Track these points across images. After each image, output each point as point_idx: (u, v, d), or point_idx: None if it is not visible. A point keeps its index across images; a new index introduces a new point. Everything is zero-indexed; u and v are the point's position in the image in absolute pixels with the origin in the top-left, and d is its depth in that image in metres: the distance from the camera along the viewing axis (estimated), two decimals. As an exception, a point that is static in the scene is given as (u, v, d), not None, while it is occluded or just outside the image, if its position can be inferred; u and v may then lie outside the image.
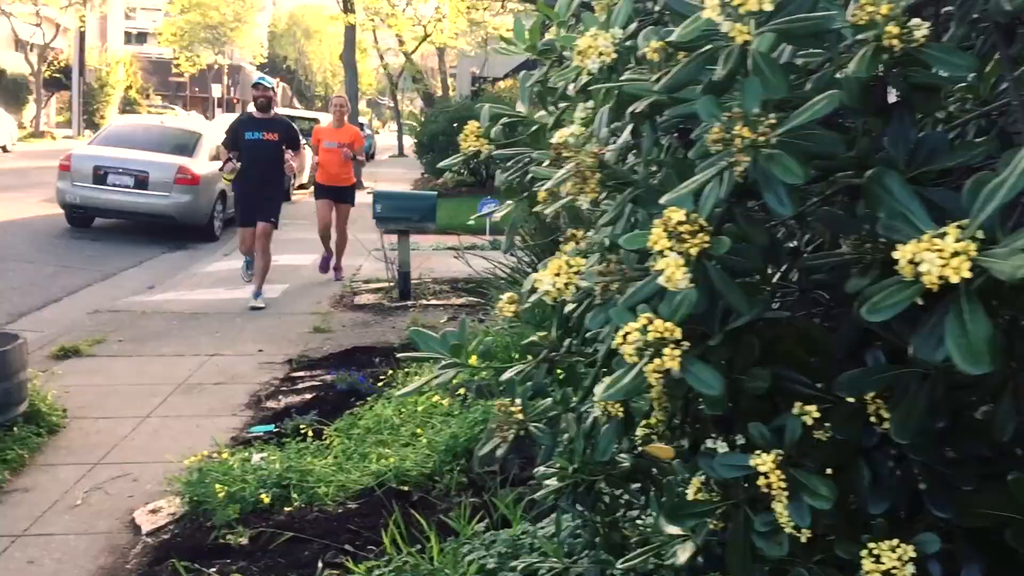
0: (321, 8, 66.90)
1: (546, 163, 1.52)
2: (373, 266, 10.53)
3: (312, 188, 10.63)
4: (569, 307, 1.44)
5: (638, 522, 1.87)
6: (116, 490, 4.30)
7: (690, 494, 1.57)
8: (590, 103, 1.60)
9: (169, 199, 12.36)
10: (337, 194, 9.73)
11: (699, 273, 1.14)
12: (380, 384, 5.22)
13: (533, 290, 1.68)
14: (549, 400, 1.55)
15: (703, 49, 1.21)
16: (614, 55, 1.46)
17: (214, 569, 3.34)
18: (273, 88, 9.19)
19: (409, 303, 8.53)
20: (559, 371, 1.59)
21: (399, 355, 2.04)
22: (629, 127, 1.32)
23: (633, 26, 1.52)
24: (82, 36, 37.72)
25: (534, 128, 1.72)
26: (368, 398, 5.08)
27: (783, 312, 1.45)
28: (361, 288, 9.40)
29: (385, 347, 6.82)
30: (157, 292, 9.25)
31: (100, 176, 12.39)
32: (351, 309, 8.49)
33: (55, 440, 4.90)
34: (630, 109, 1.30)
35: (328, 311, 8.30)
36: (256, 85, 9.08)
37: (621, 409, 1.45)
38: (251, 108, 8.99)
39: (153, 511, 3.98)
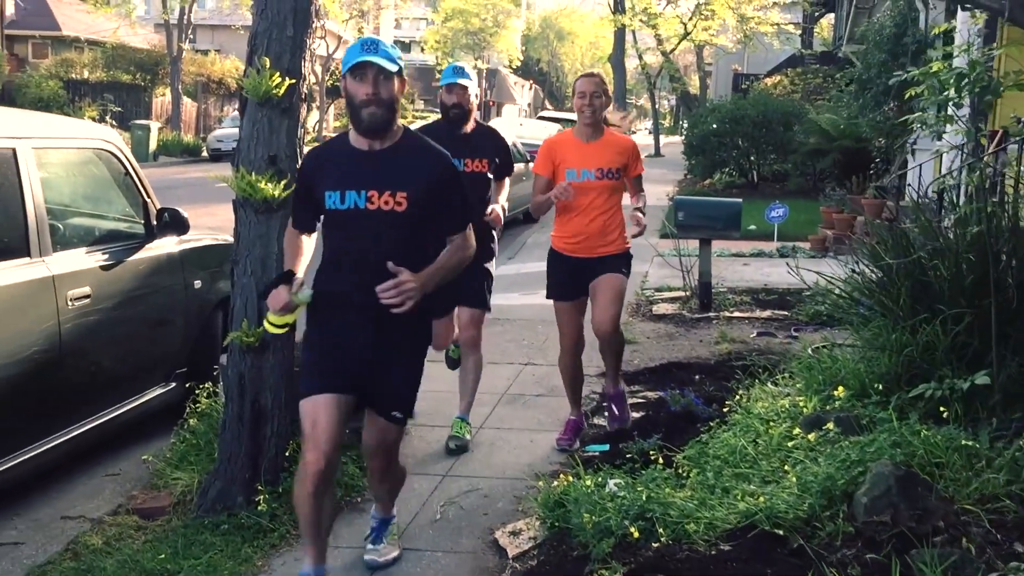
0: (574, 10, 67.94)
1: None
2: (659, 272, 10.27)
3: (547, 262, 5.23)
4: None
5: None
6: (469, 505, 4.30)
7: None
8: None
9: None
10: (600, 268, 4.86)
11: None
12: (725, 409, 4.91)
13: None
14: None
15: None
16: None
17: (597, 608, 3.19)
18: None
19: (711, 314, 8.18)
20: None
21: None
22: None
23: None
24: (359, 47, 40.41)
25: None
26: (709, 422, 4.80)
27: None
28: (656, 297, 9.16)
29: (701, 363, 6.53)
30: (455, 296, 9.50)
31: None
32: (650, 319, 8.27)
33: (402, 448, 5.00)
34: None
35: (627, 320, 8.11)
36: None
37: None
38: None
39: (513, 533, 3.91)
